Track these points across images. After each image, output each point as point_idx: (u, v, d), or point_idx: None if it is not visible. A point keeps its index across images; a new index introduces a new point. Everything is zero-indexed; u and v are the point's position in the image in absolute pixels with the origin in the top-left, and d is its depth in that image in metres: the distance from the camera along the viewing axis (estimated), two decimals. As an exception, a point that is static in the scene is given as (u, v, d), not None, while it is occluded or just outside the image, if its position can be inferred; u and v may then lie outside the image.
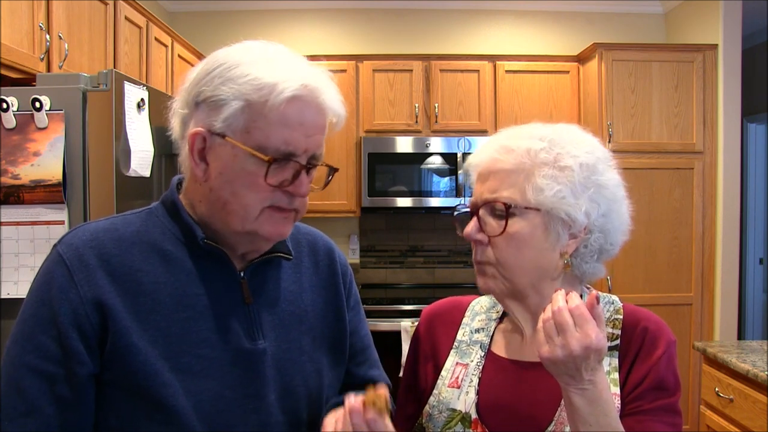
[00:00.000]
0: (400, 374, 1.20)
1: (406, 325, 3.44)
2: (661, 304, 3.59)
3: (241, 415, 0.93)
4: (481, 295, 1.17)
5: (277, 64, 0.91)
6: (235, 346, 0.94)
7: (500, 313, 1.12)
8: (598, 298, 0.87)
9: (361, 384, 1.13)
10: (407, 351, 1.18)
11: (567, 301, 0.86)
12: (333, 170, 1.01)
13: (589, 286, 1.09)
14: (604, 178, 0.99)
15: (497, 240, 0.98)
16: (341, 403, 0.92)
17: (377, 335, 1.35)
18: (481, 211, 1.00)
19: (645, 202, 3.64)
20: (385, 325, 3.44)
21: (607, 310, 1.04)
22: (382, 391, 0.86)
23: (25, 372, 0.87)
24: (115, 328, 0.88)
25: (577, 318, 0.84)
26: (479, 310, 1.15)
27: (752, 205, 4.75)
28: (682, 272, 3.69)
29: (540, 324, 0.87)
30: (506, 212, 0.97)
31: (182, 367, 0.90)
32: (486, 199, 0.99)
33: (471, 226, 1.01)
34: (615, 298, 1.07)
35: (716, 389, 2.49)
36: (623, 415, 0.94)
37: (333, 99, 0.95)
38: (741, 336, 4.42)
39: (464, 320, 1.14)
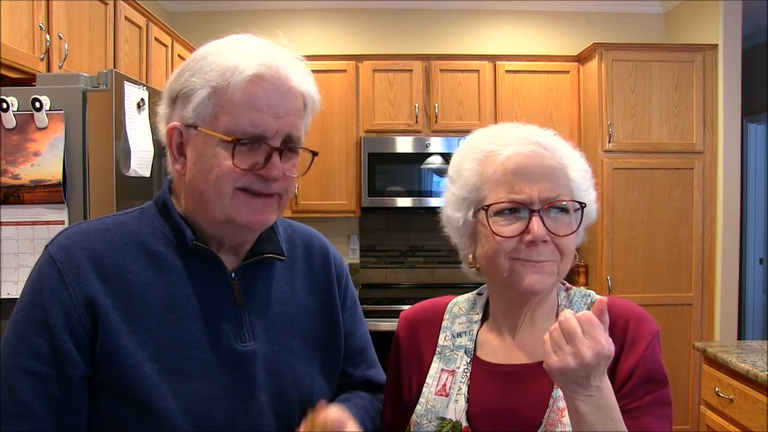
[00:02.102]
0: None
1: (406, 325, 3.43)
2: (661, 304, 3.60)
3: (232, 416, 0.92)
4: (465, 293, 1.15)
5: (238, 48, 0.92)
6: (225, 348, 0.94)
7: (480, 314, 1.10)
8: (606, 305, 0.86)
9: (358, 384, 1.13)
10: (389, 358, 1.15)
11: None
12: (314, 154, 1.00)
13: (566, 283, 1.09)
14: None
15: (565, 238, 0.98)
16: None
17: (377, 335, 1.35)
18: (543, 211, 0.97)
19: (645, 202, 3.64)
20: (385, 325, 3.43)
21: (584, 304, 1.04)
22: (322, 412, 0.89)
23: (18, 373, 0.87)
24: (105, 329, 0.88)
25: (585, 324, 0.83)
26: (458, 312, 1.12)
27: (752, 205, 4.75)
28: (682, 272, 3.69)
29: (546, 335, 0.86)
30: (581, 210, 0.99)
31: (172, 369, 0.89)
32: (548, 198, 0.96)
33: (541, 227, 0.96)
34: (591, 291, 1.06)
35: (716, 389, 2.48)
36: None
37: (302, 79, 0.95)
38: (741, 336, 4.42)
39: (444, 323, 1.11)
